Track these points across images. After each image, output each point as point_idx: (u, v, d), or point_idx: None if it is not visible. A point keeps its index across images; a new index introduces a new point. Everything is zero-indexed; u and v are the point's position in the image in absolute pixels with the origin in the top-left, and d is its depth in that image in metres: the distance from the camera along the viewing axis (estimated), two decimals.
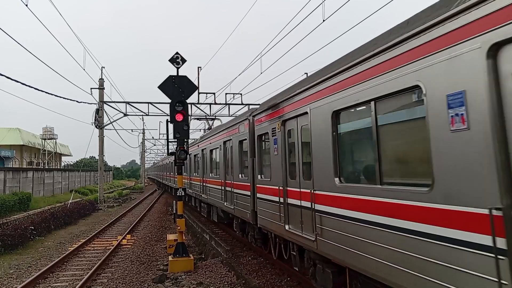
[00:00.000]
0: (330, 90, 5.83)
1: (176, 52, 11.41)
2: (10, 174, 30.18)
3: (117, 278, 10.30)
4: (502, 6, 3.09)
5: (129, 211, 28.08)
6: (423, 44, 3.94)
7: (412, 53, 4.09)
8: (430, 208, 3.85)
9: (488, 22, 3.21)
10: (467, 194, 3.43)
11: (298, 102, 7.11)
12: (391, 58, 4.46)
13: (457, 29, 3.53)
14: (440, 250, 3.71)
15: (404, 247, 4.21)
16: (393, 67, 4.40)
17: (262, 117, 9.34)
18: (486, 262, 3.21)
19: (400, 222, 4.27)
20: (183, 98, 11.22)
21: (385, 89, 4.51)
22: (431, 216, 3.83)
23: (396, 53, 4.36)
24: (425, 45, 3.91)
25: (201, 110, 30.30)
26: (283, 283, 8.97)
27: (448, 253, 3.61)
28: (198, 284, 9.30)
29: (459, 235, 3.50)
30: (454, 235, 3.55)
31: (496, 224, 3.13)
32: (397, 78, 4.32)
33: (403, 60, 4.23)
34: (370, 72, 4.82)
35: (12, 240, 14.41)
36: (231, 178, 12.46)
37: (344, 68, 5.41)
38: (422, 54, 3.94)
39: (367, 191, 4.93)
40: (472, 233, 3.37)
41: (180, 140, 11.22)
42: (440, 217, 3.72)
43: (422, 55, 3.94)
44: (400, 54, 4.28)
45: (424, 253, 3.91)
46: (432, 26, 3.81)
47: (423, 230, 3.93)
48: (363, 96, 4.95)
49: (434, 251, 3.77)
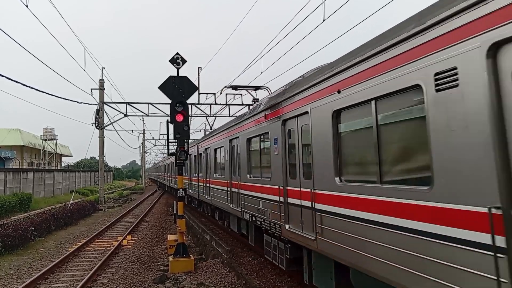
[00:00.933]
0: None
1: (177, 53, 11.42)
2: (10, 175, 30.21)
3: (117, 279, 10.30)
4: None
5: (130, 212, 28.08)
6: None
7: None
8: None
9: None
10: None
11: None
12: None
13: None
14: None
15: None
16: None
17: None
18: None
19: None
20: (183, 99, 11.23)
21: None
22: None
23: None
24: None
25: (201, 110, 30.32)
26: (283, 283, 8.97)
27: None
28: (199, 284, 9.30)
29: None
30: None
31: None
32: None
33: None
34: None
35: (13, 241, 14.41)
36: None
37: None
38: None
39: None
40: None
41: (181, 141, 11.22)
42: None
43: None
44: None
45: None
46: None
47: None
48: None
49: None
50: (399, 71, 4.25)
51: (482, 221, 3.24)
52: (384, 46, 4.51)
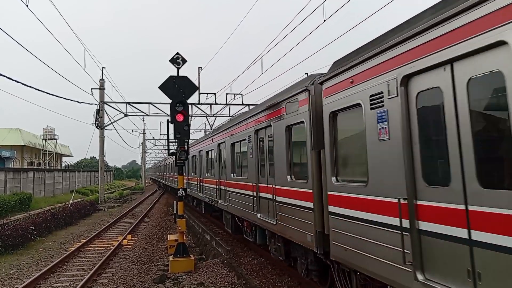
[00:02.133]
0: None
1: (177, 53, 11.41)
2: (11, 175, 30.23)
3: (117, 279, 10.31)
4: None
5: (130, 212, 28.09)
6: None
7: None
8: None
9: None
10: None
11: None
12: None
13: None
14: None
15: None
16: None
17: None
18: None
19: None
20: (184, 99, 11.23)
21: None
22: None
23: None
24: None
25: (201, 110, 30.33)
26: (283, 283, 8.97)
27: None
28: (199, 284, 9.30)
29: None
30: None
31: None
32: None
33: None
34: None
35: (13, 241, 14.42)
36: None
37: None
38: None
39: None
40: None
41: (181, 141, 11.22)
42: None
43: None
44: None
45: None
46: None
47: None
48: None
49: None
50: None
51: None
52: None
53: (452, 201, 3.70)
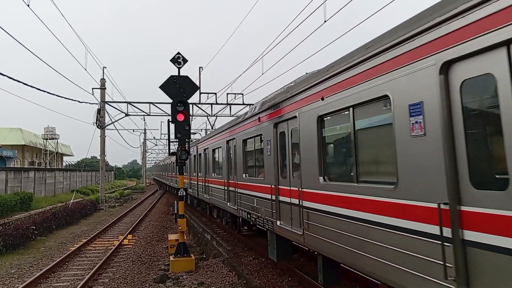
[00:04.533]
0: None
1: (178, 52, 11.43)
2: (11, 174, 30.25)
3: (118, 278, 10.32)
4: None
5: (131, 211, 28.11)
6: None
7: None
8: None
9: None
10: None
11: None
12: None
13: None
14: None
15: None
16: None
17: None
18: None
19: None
20: (185, 98, 11.23)
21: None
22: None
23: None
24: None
25: (202, 110, 30.34)
26: (284, 283, 8.97)
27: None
28: (200, 284, 9.31)
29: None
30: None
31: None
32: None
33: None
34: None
35: (14, 240, 14.44)
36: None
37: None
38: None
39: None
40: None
41: (182, 140, 11.23)
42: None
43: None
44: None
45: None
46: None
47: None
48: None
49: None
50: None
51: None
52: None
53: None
